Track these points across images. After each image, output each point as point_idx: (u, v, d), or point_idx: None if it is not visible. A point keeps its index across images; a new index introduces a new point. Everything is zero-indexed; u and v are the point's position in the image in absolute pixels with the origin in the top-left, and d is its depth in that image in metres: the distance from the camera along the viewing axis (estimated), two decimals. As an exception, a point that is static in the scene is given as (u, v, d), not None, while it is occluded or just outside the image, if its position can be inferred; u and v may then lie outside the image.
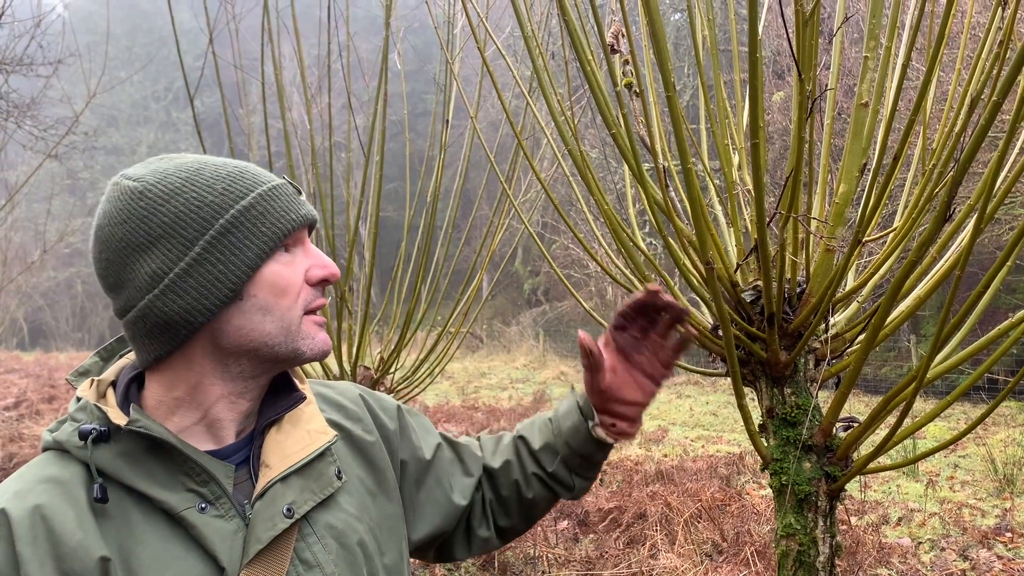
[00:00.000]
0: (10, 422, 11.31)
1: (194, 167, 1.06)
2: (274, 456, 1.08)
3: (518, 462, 1.41)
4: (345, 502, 1.14)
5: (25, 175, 8.58)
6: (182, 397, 1.06)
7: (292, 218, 1.07)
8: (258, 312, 1.05)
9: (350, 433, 1.23)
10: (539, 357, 22.63)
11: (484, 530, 1.40)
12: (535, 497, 1.40)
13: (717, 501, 6.34)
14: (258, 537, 1.01)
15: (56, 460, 1.01)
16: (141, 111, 45.27)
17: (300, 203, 1.10)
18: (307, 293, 1.09)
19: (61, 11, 8.71)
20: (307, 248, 1.11)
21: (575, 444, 1.37)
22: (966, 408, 11.46)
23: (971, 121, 1.59)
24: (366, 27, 5.18)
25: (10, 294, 23.07)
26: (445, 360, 4.09)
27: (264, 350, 1.06)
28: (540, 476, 1.40)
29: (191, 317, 1.02)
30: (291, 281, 1.07)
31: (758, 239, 1.75)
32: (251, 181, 1.07)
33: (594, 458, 1.39)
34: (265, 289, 1.05)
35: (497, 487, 1.41)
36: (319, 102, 4.12)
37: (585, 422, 1.37)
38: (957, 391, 1.70)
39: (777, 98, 15.42)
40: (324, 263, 1.11)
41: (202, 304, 1.02)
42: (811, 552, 1.90)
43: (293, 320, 1.07)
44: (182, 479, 1.01)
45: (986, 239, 11.78)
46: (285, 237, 1.06)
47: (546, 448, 1.39)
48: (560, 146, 2.86)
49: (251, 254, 1.03)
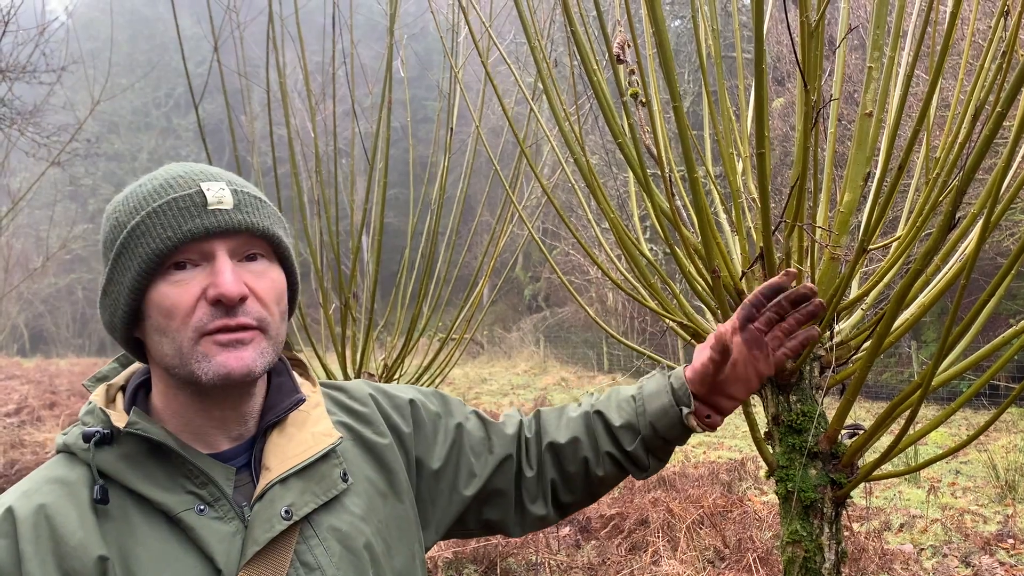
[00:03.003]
0: (11, 428, 11.31)
1: (143, 181, 1.07)
2: (274, 459, 1.08)
3: (590, 439, 1.36)
4: (352, 504, 1.13)
5: (27, 182, 8.60)
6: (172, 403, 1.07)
7: (171, 235, 0.99)
8: (156, 333, 1.02)
9: (360, 435, 1.22)
10: (540, 363, 22.62)
11: (540, 508, 1.36)
12: (605, 475, 1.36)
13: (719, 507, 6.34)
14: (255, 539, 1.01)
15: (65, 462, 1.03)
16: (142, 118, 45.33)
17: (195, 215, 1.00)
18: (203, 313, 1.00)
19: (64, 19, 8.73)
20: (215, 264, 1.01)
21: (661, 427, 1.32)
22: (967, 414, 11.45)
23: (974, 131, 1.61)
24: (367, 33, 5.19)
25: (11, 300, 23.06)
26: (448, 367, 4.09)
27: (171, 371, 1.03)
28: (614, 455, 1.35)
29: (114, 332, 1.07)
30: (176, 302, 1.00)
31: (764, 247, 1.76)
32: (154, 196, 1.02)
33: (677, 442, 1.36)
34: (155, 310, 1.01)
35: (563, 463, 1.36)
36: (322, 109, 4.14)
37: (676, 407, 1.31)
38: (961, 399, 1.71)
39: (777, 104, 15.45)
40: (217, 281, 1.00)
41: (115, 320, 1.05)
42: (817, 559, 1.91)
43: (183, 342, 1.00)
44: (181, 481, 1.02)
45: (987, 245, 11.78)
46: (163, 256, 0.99)
47: (627, 427, 1.34)
48: (563, 152, 2.87)
49: (131, 274, 1.01)
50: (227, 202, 1.02)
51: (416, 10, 6.93)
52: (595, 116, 2.27)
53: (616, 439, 1.34)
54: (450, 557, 5.39)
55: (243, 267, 1.04)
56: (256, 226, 1.04)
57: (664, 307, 2.21)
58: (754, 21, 1.47)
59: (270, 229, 1.06)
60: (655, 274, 2.29)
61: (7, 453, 9.29)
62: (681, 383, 1.33)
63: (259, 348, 1.03)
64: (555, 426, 1.38)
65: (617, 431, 1.34)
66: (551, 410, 1.43)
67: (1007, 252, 11.96)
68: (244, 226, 1.03)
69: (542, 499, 1.36)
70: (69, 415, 12.47)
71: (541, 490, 1.36)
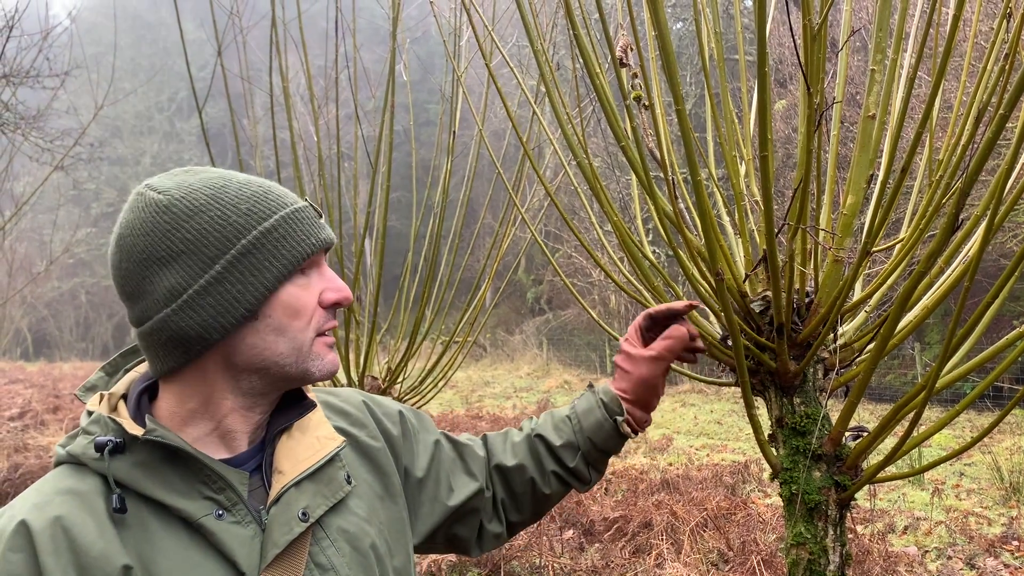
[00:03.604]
0: (15, 432, 11.33)
1: (219, 184, 1.06)
2: (287, 462, 1.10)
3: (534, 460, 1.46)
4: (355, 506, 1.16)
5: (30, 186, 8.63)
6: (195, 408, 1.07)
7: (311, 241, 1.08)
8: (272, 332, 1.06)
9: (356, 439, 1.25)
10: (543, 366, 22.62)
11: (496, 526, 1.44)
12: (551, 492, 1.46)
13: (723, 510, 6.33)
14: (275, 541, 1.02)
15: (72, 473, 1.02)
16: (145, 122, 45.45)
17: (320, 226, 1.11)
18: (320, 315, 1.10)
19: (67, 23, 8.75)
20: (322, 270, 1.12)
21: (598, 440, 1.44)
22: (971, 416, 11.43)
23: (977, 133, 1.61)
24: (369, 37, 5.19)
25: (15, 304, 23.11)
26: (452, 370, 4.09)
27: (275, 369, 1.07)
28: (559, 472, 1.45)
29: (206, 334, 1.03)
30: (306, 304, 1.08)
31: (767, 250, 1.76)
32: (275, 202, 1.08)
33: (613, 452, 1.47)
34: (280, 310, 1.06)
35: (510, 484, 1.45)
36: (325, 112, 4.15)
37: (611, 419, 1.44)
38: (965, 401, 1.71)
39: (779, 106, 15.45)
40: (338, 287, 1.12)
41: (218, 322, 1.02)
42: (821, 561, 1.91)
43: (305, 342, 1.08)
44: (199, 487, 1.02)
45: (990, 247, 11.76)
46: (304, 260, 1.07)
47: (567, 445, 1.45)
48: (566, 155, 2.88)
49: (270, 276, 1.04)
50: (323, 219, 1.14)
51: (418, 14, 6.95)
52: (597, 119, 2.28)
53: (559, 458, 1.45)
54: (454, 561, 5.38)
55: None
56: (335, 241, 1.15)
57: (667, 310, 2.21)
58: (757, 24, 1.48)
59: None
60: (658, 276, 2.29)
61: (11, 457, 9.31)
62: (611, 396, 1.46)
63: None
64: (501, 449, 1.48)
65: (558, 450, 1.45)
66: (496, 434, 1.53)
67: (1010, 254, 11.95)
68: (332, 241, 1.14)
69: (496, 518, 1.45)
70: (73, 419, 12.50)
71: (495, 510, 1.45)
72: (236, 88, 3.90)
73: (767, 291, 1.99)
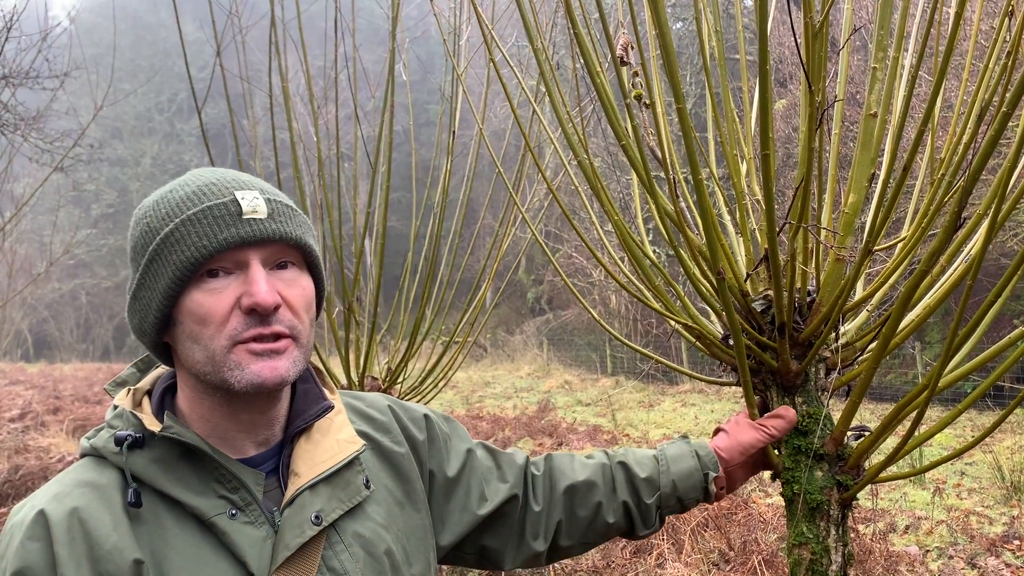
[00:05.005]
0: (15, 434, 11.31)
1: (171, 187, 1.07)
2: (303, 464, 1.10)
3: (607, 485, 1.43)
4: (373, 511, 1.15)
5: (30, 187, 8.62)
6: (198, 407, 1.08)
7: (207, 244, 0.99)
8: (188, 340, 1.03)
9: (379, 444, 1.24)
10: (543, 366, 22.61)
11: (540, 544, 1.40)
12: (613, 523, 1.43)
13: (724, 510, 6.32)
14: (286, 544, 1.02)
15: (93, 465, 1.03)
16: (145, 123, 45.44)
17: (230, 224, 1.01)
18: (237, 322, 1.01)
19: (67, 24, 8.75)
20: (249, 274, 1.02)
21: (682, 488, 1.45)
22: (972, 415, 11.43)
23: (979, 131, 1.60)
24: (369, 37, 5.18)
25: (15, 306, 23.11)
26: (452, 370, 4.09)
27: (202, 378, 1.04)
28: (629, 505, 1.43)
29: (144, 337, 1.07)
30: (211, 310, 1.00)
31: (769, 249, 1.76)
32: (188, 203, 1.02)
33: (689, 505, 1.47)
34: (188, 317, 1.02)
35: (574, 505, 1.41)
36: (325, 113, 4.14)
37: (702, 471, 1.46)
38: (967, 401, 1.70)
39: (780, 105, 15.45)
40: (253, 291, 1.00)
41: (145, 325, 1.05)
42: (823, 561, 1.90)
43: (216, 350, 1.01)
44: (213, 485, 1.03)
45: (991, 247, 11.76)
46: (198, 264, 1.00)
47: (649, 481, 1.44)
48: (566, 154, 2.87)
49: (165, 281, 1.01)
50: (261, 211, 1.03)
51: (418, 14, 6.94)
52: (598, 118, 2.27)
53: (636, 490, 1.43)
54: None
55: (275, 275, 1.05)
56: (289, 235, 1.05)
57: (668, 309, 2.21)
58: (758, 22, 1.47)
59: (303, 239, 1.07)
60: (659, 276, 2.28)
61: (11, 458, 9.30)
62: (707, 451, 1.48)
63: (292, 357, 1.04)
64: (570, 467, 1.45)
65: (639, 482, 1.43)
66: (563, 454, 1.50)
67: (1011, 253, 11.94)
68: (278, 236, 1.03)
69: (543, 536, 1.41)
70: (73, 420, 12.48)
71: (544, 527, 1.41)
72: (235, 89, 3.90)
73: (768, 290, 1.98)
